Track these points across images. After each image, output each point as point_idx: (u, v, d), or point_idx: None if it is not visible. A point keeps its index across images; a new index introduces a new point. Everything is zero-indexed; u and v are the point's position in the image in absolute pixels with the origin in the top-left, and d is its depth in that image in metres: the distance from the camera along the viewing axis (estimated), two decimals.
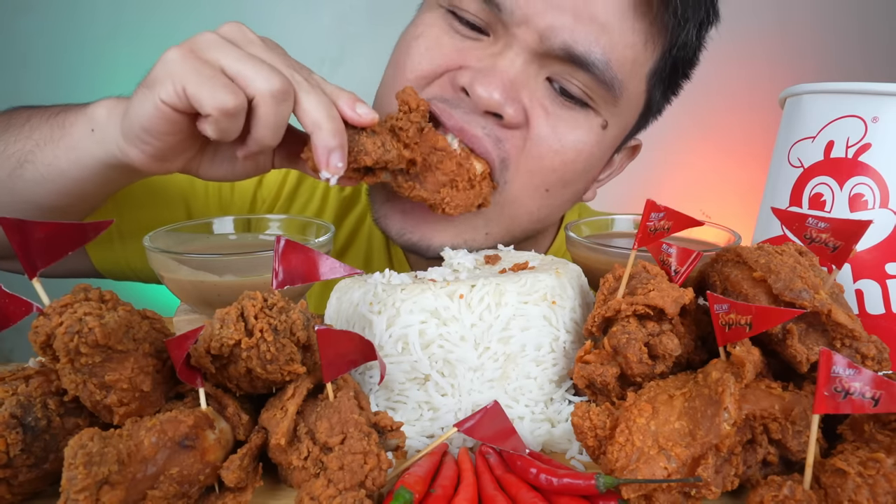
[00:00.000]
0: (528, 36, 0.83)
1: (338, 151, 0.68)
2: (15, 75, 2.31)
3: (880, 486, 0.50)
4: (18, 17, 2.30)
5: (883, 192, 0.74)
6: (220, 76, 0.65)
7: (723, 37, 0.95)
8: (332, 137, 0.67)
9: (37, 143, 0.80)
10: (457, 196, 0.83)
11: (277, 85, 0.65)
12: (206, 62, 0.66)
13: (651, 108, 0.98)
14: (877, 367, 0.59)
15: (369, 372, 0.70)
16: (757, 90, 2.28)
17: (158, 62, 0.67)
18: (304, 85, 0.68)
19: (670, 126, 2.81)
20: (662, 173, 2.62)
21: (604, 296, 0.68)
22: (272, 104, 0.65)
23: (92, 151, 0.75)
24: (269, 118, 0.66)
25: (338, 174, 0.69)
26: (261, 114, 0.66)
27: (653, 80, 0.92)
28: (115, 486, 0.47)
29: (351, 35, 2.33)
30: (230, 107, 0.64)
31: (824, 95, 0.80)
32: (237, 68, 0.65)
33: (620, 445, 0.56)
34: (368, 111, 0.71)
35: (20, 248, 0.53)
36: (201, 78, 0.64)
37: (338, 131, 0.68)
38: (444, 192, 0.82)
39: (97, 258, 1.06)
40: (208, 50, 0.67)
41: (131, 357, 0.54)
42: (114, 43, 2.32)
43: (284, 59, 0.70)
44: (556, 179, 0.89)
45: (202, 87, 0.64)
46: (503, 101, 0.82)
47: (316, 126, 0.67)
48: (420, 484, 0.55)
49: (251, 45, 0.69)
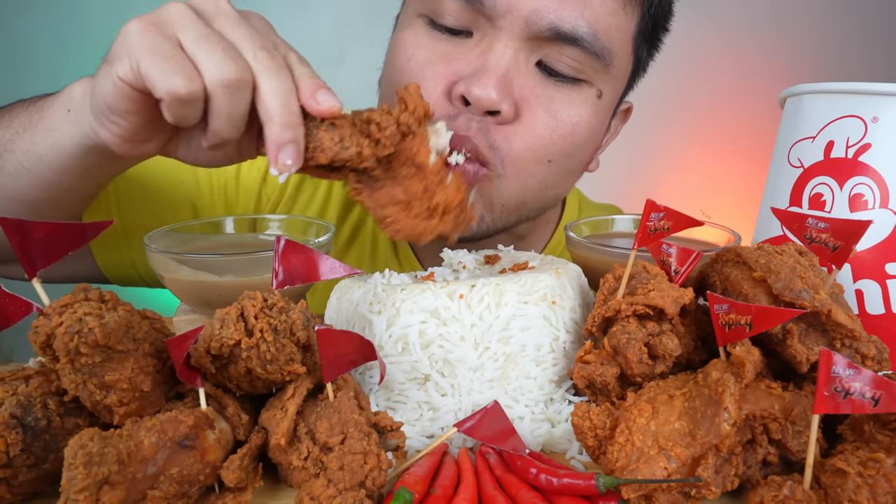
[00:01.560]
0: (514, 24, 0.84)
1: (289, 147, 0.60)
2: (15, 75, 2.31)
3: (880, 486, 0.50)
4: (18, 16, 2.30)
5: (883, 192, 0.74)
6: (177, 57, 0.59)
7: (723, 37, 0.96)
8: (282, 130, 0.60)
9: (16, 132, 0.77)
10: (402, 220, 0.71)
11: (231, 73, 0.58)
12: (166, 38, 0.59)
13: (639, 68, 1.02)
14: (877, 367, 0.59)
15: (369, 372, 0.70)
16: (757, 90, 2.28)
17: (119, 34, 0.61)
18: (264, 69, 0.61)
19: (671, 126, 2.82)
20: (662, 173, 2.62)
21: (604, 296, 0.68)
22: (224, 94, 0.59)
23: (69, 132, 0.71)
24: (223, 109, 0.60)
25: (287, 172, 0.61)
26: (214, 104, 0.60)
27: (637, 41, 0.95)
28: (115, 486, 0.47)
29: (350, 36, 2.32)
30: (182, 93, 0.58)
31: (824, 95, 0.80)
32: (193, 49, 0.59)
33: (620, 445, 0.56)
34: (330, 99, 0.62)
35: (20, 248, 0.53)
36: (156, 57, 0.58)
37: (291, 124, 0.61)
38: (390, 210, 0.70)
39: (103, 261, 1.06)
40: (171, 24, 0.60)
41: (131, 357, 0.54)
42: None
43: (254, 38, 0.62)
44: (556, 151, 0.92)
45: (155, 67, 0.58)
46: (500, 98, 0.84)
47: (268, 117, 0.60)
48: (420, 484, 0.55)
49: (221, 20, 0.62)
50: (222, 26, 0.62)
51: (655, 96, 2.49)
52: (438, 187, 0.71)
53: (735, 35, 2.47)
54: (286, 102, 0.60)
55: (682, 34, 1.07)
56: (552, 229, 1.20)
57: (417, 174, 0.70)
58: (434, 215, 0.71)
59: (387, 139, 0.66)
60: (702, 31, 2.42)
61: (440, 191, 0.71)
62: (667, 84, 2.45)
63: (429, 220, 0.71)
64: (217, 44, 0.59)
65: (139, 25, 0.60)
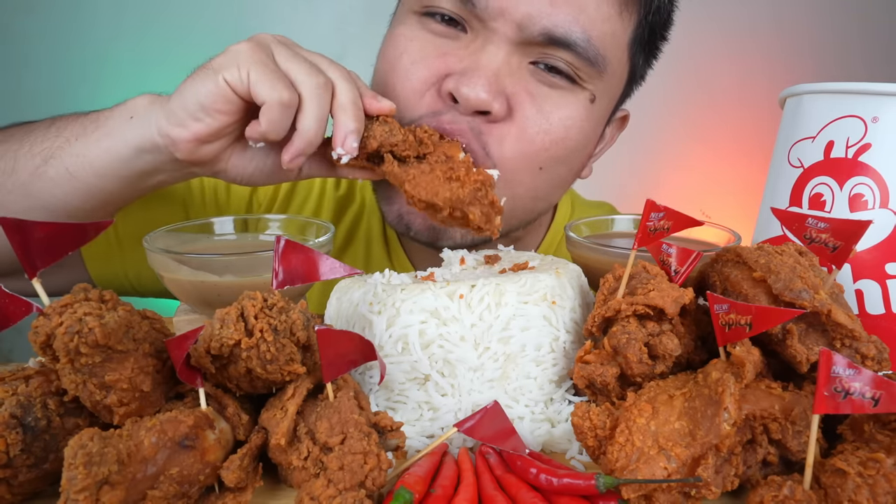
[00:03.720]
0: (506, 28, 0.84)
1: (354, 134, 0.74)
2: (16, 76, 2.31)
3: (880, 486, 0.50)
4: (19, 17, 2.30)
5: (883, 192, 0.74)
6: (279, 72, 0.72)
7: (723, 36, 0.96)
8: (351, 120, 0.74)
9: (66, 140, 0.81)
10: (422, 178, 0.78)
11: (319, 80, 0.73)
12: (269, 57, 0.73)
13: (635, 76, 1.00)
14: (877, 367, 0.59)
15: (369, 372, 0.70)
16: (757, 90, 2.28)
17: (225, 51, 0.74)
18: (338, 78, 0.75)
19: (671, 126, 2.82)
20: (662, 173, 2.62)
21: (604, 296, 0.68)
22: (315, 96, 0.72)
23: (126, 136, 0.77)
24: (314, 109, 0.72)
25: (351, 154, 0.74)
26: (306, 106, 0.72)
27: (633, 48, 0.94)
28: (115, 486, 0.47)
29: (351, 35, 2.32)
30: (285, 99, 0.70)
31: (824, 95, 0.80)
32: (288, 66, 0.73)
33: (620, 445, 0.56)
34: (387, 102, 0.77)
35: (20, 248, 0.53)
36: (265, 69, 0.70)
37: (357, 116, 0.74)
38: (412, 171, 0.79)
39: (95, 272, 1.06)
40: (268, 47, 0.74)
41: (131, 357, 0.54)
42: (116, 44, 2.32)
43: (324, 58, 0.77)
44: (548, 157, 0.91)
45: (265, 77, 0.70)
46: (490, 98, 0.83)
47: (341, 109, 0.74)
48: (420, 484, 0.55)
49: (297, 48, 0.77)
50: (300, 51, 0.77)
51: (655, 96, 2.49)
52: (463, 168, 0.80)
53: (735, 34, 2.47)
54: (354, 100, 0.75)
55: (682, 33, 1.07)
56: (544, 230, 1.20)
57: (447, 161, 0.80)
58: (453, 179, 0.79)
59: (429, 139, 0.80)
60: (702, 30, 2.42)
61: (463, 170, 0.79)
62: (667, 84, 2.45)
63: (448, 182, 0.79)
64: (305, 60, 0.74)
65: (247, 45, 0.73)
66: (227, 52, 0.73)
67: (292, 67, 0.73)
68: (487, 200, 0.79)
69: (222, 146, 0.78)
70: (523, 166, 0.90)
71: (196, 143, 0.75)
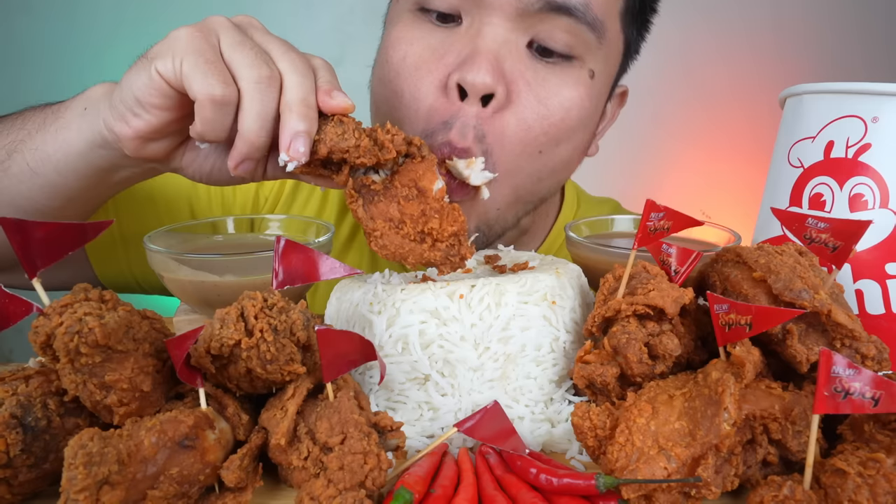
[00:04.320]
0: (503, 2, 0.84)
1: (302, 136, 0.64)
2: (15, 75, 2.31)
3: (880, 486, 0.50)
4: (18, 17, 2.30)
5: (883, 192, 0.74)
6: (217, 63, 0.64)
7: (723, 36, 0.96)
8: (298, 120, 0.64)
9: (28, 133, 0.78)
10: (390, 237, 0.70)
11: (263, 72, 0.64)
12: (209, 45, 0.65)
13: (630, 49, 1.00)
14: (877, 367, 0.59)
15: (369, 372, 0.70)
16: (757, 90, 2.28)
17: (166, 38, 0.66)
18: (290, 69, 0.66)
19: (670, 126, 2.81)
20: (662, 173, 2.62)
21: (604, 296, 0.68)
22: (256, 90, 0.64)
23: (80, 128, 0.73)
24: (255, 106, 0.64)
25: (298, 160, 0.65)
26: (245, 103, 0.64)
27: (626, 19, 0.94)
28: (115, 486, 0.47)
29: (350, 36, 2.32)
30: (217, 95, 0.62)
31: (824, 95, 0.80)
32: (230, 53, 0.65)
33: (620, 445, 0.56)
34: (342, 98, 0.67)
35: (20, 248, 0.53)
36: (199, 59, 0.63)
37: (306, 116, 0.65)
38: (379, 224, 0.70)
39: (100, 269, 1.06)
40: (213, 32, 0.66)
41: (131, 357, 0.54)
42: (113, 44, 2.32)
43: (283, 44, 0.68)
44: (546, 141, 0.91)
45: (197, 68, 0.62)
46: (493, 81, 0.83)
47: (287, 107, 0.65)
48: (420, 484, 0.55)
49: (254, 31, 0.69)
50: (254, 35, 0.68)
51: (656, 96, 2.50)
52: (436, 214, 0.70)
53: (735, 34, 2.47)
54: (305, 97, 0.65)
55: (683, 33, 1.08)
56: (551, 221, 1.20)
57: (418, 197, 0.71)
58: (425, 240, 0.70)
59: (390, 143, 0.68)
60: (702, 30, 2.42)
61: (437, 217, 0.70)
62: (667, 83, 2.45)
63: (419, 243, 0.70)
64: (251, 48, 0.65)
65: (187, 30, 0.65)
66: (167, 36, 0.66)
67: (235, 57, 0.64)
68: (459, 256, 0.71)
69: (172, 144, 0.72)
70: (521, 152, 0.90)
71: (140, 141, 0.69)
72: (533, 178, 0.95)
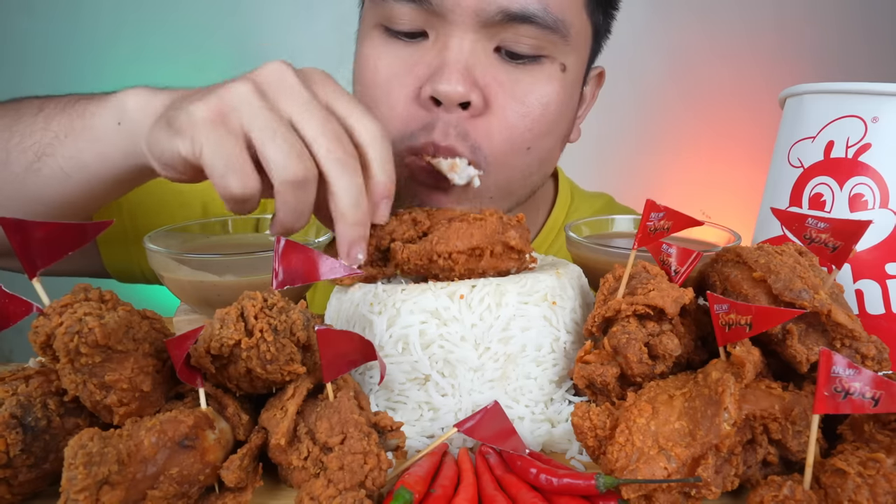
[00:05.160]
0: (464, 16, 0.85)
1: (359, 244, 0.66)
2: (16, 75, 2.31)
3: (880, 486, 0.50)
4: (19, 17, 2.30)
5: (883, 192, 0.74)
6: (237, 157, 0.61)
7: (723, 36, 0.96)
8: (354, 228, 0.65)
9: (56, 136, 0.77)
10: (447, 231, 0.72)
11: (298, 172, 0.61)
12: (230, 133, 0.61)
13: (599, 32, 1.01)
14: (877, 367, 0.59)
15: (369, 372, 0.70)
16: (757, 90, 2.28)
17: (184, 111, 0.62)
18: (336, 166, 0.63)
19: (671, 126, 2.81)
20: (662, 173, 2.62)
21: (604, 296, 0.68)
22: (290, 190, 0.62)
23: (119, 146, 0.73)
24: (289, 204, 0.63)
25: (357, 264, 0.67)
26: (279, 199, 0.63)
27: (590, 7, 0.95)
28: (115, 486, 0.47)
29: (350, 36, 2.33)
30: (236, 194, 0.62)
31: (824, 95, 0.80)
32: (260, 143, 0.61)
33: (620, 445, 0.56)
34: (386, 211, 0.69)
35: (20, 247, 0.53)
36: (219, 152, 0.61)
37: (361, 222, 0.65)
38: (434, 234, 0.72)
39: (109, 259, 1.07)
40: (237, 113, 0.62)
41: (131, 357, 0.54)
42: (115, 44, 2.32)
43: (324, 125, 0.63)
44: (532, 137, 0.92)
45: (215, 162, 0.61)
46: (466, 90, 0.84)
47: (340, 215, 0.64)
48: (420, 484, 0.55)
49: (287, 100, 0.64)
50: (290, 108, 0.63)
51: (656, 96, 2.50)
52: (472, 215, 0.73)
53: (735, 34, 2.47)
54: (357, 202, 0.64)
55: (683, 33, 1.07)
56: (544, 216, 1.21)
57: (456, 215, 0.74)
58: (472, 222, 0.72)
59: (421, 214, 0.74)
60: (702, 29, 2.42)
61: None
62: (667, 84, 2.45)
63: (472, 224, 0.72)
64: (284, 140, 0.61)
65: (205, 113, 0.61)
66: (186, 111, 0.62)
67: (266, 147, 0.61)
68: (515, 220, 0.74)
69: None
70: (511, 150, 0.92)
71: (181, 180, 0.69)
72: (525, 173, 0.97)
